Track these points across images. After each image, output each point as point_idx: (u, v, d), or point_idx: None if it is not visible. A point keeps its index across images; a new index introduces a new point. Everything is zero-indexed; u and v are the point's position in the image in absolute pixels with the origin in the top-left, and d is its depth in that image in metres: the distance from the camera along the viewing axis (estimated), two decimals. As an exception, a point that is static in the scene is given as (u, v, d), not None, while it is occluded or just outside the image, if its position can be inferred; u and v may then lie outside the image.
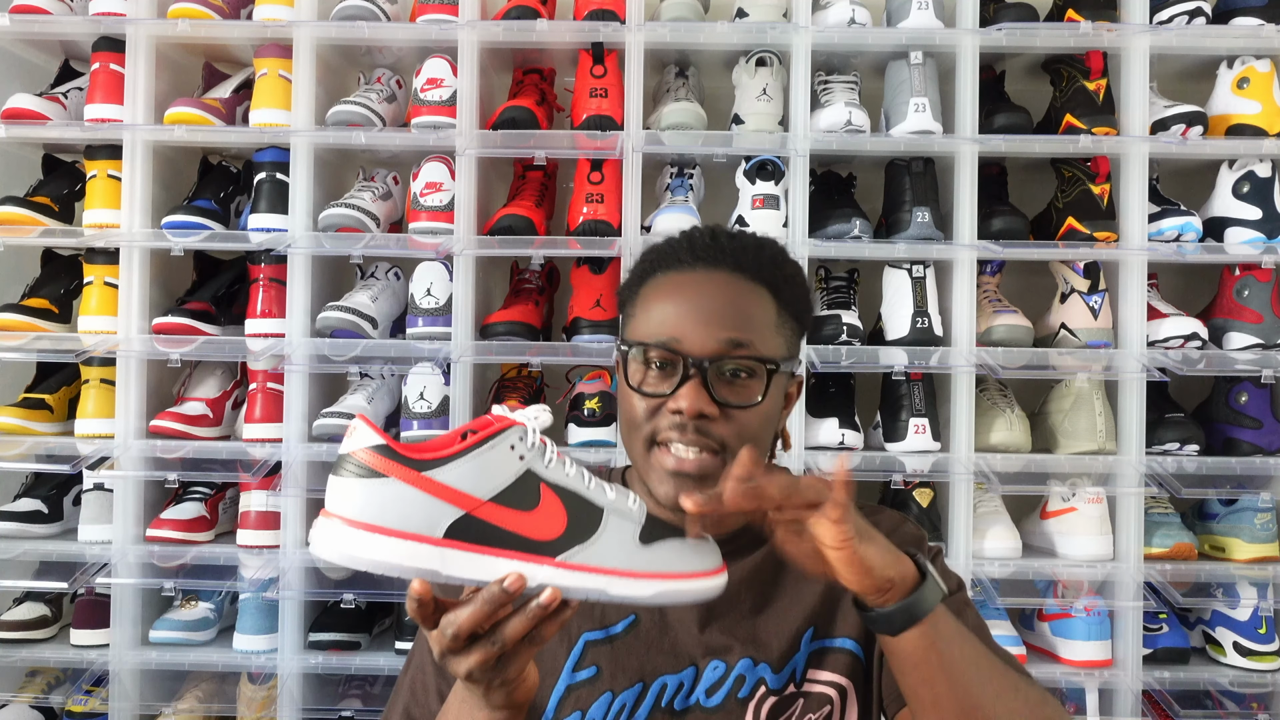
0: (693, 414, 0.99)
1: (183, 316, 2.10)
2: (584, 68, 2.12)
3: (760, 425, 1.03)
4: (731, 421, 1.01)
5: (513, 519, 0.82)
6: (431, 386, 2.06)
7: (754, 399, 1.02)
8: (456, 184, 2.08)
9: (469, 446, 0.82)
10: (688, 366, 1.01)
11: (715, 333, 1.01)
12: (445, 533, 0.80)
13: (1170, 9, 2.08)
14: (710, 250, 1.07)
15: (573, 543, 0.83)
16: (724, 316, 1.02)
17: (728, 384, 1.02)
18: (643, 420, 1.03)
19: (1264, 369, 2.02)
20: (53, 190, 2.22)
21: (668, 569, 0.86)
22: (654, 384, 1.03)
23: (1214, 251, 2.07)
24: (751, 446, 0.90)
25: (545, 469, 0.84)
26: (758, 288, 1.06)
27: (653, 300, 1.06)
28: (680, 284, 1.06)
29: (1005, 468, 2.03)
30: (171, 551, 2.06)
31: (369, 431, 0.82)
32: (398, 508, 0.80)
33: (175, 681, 2.15)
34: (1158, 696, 1.99)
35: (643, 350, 1.04)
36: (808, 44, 2.07)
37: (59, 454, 2.08)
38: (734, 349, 1.01)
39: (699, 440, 1.00)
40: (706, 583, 0.88)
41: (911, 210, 2.08)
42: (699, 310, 1.03)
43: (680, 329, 1.02)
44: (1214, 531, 2.11)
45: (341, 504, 0.81)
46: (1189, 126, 2.07)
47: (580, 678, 1.07)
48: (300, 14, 2.11)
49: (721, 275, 1.05)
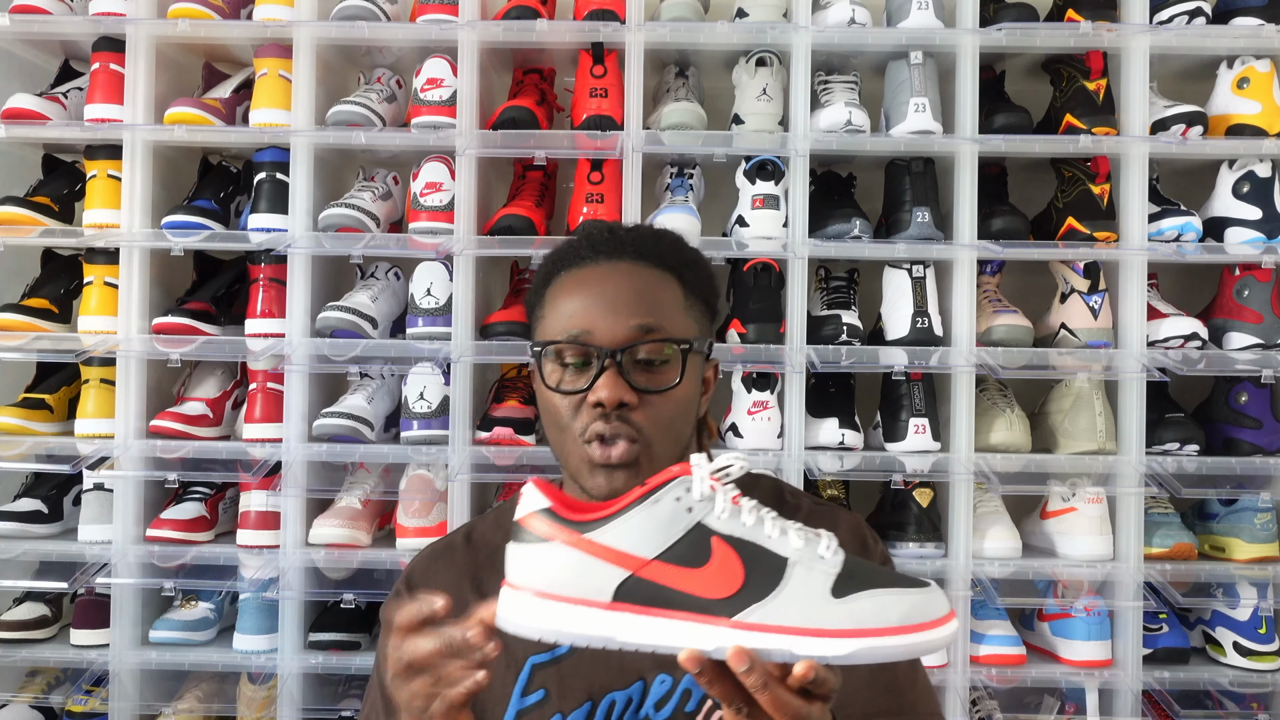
0: (613, 403, 1.00)
1: (183, 316, 2.10)
2: (584, 68, 2.12)
3: (679, 409, 1.05)
4: (650, 407, 1.02)
5: (682, 577, 0.77)
6: (431, 386, 2.06)
7: (671, 382, 1.03)
8: (456, 184, 2.08)
9: (632, 503, 0.79)
10: (601, 358, 1.01)
11: (624, 320, 1.02)
12: (614, 596, 0.77)
13: (1170, 9, 2.08)
14: (609, 243, 1.08)
15: (750, 600, 0.76)
16: (631, 304, 1.03)
17: (643, 371, 1.03)
18: (567, 420, 1.03)
19: (1264, 369, 2.02)
20: (53, 190, 2.22)
21: (869, 624, 0.76)
22: (571, 381, 1.04)
23: (1214, 251, 2.07)
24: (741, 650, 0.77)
25: (717, 520, 0.79)
26: (661, 273, 1.07)
27: (559, 299, 1.07)
28: (583, 279, 1.06)
29: (1005, 468, 2.03)
30: (171, 551, 2.06)
31: (537, 494, 0.80)
32: (565, 573, 0.78)
33: (175, 681, 2.15)
34: (1158, 696, 1.99)
35: (555, 349, 1.04)
36: (808, 44, 2.07)
37: (59, 454, 2.08)
38: (645, 334, 1.03)
39: (622, 429, 1.01)
40: (920, 637, 0.76)
41: (911, 210, 2.08)
42: (605, 301, 1.04)
43: (589, 322, 1.03)
44: (1214, 531, 2.11)
45: (514, 573, 0.80)
46: (1189, 126, 2.07)
47: (529, 702, 1.06)
48: (300, 14, 2.11)
49: (624, 265, 1.07)
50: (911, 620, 0.76)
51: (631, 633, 0.76)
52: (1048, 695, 2.10)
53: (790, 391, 2.03)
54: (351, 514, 2.07)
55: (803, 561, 0.78)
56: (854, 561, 0.80)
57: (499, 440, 2.04)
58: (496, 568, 0.85)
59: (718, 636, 0.75)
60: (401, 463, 2.11)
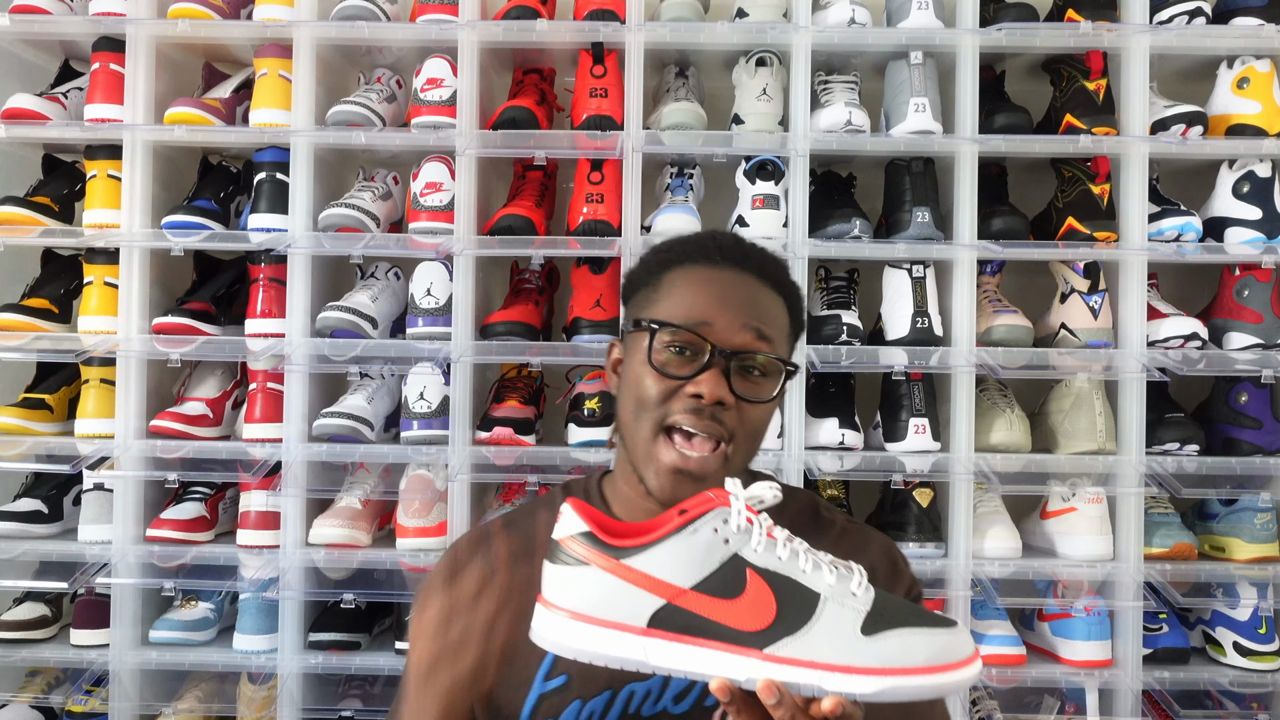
0: (713, 399, 1.02)
1: (183, 316, 2.10)
2: (584, 68, 2.12)
3: (762, 424, 1.08)
4: (742, 414, 1.04)
5: (716, 608, 0.79)
6: (431, 386, 2.06)
7: (768, 395, 1.06)
8: (456, 184, 2.08)
9: (670, 531, 0.80)
10: (713, 354, 1.04)
11: (743, 325, 1.05)
12: (649, 622, 0.78)
13: (1170, 9, 2.08)
14: (736, 253, 1.11)
15: (782, 633, 0.78)
16: (752, 312, 1.07)
17: (744, 378, 1.05)
18: (655, 402, 1.05)
19: (1264, 369, 2.02)
20: (53, 190, 2.22)
21: (897, 663, 0.78)
22: (675, 366, 1.05)
23: (1214, 251, 2.07)
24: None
25: (753, 553, 0.81)
26: (776, 295, 1.11)
27: (682, 287, 1.09)
28: (710, 278, 1.09)
29: (1005, 468, 2.03)
30: (171, 551, 2.06)
31: (575, 517, 0.82)
32: (600, 597, 0.79)
33: (175, 681, 2.15)
34: (1158, 696, 1.99)
35: (673, 331, 1.05)
36: (808, 44, 2.07)
37: (59, 454, 2.08)
38: (760, 342, 1.06)
39: (711, 426, 1.03)
40: (945, 678, 0.78)
41: (911, 210, 2.08)
42: (730, 303, 1.06)
43: (711, 316, 1.05)
44: (1214, 531, 2.11)
45: (550, 591, 0.81)
46: (1189, 126, 2.07)
47: (551, 686, 1.06)
48: (300, 14, 2.11)
49: (748, 278, 1.10)
50: (938, 660, 0.78)
51: (664, 659, 0.78)
52: (1048, 695, 2.10)
53: (790, 391, 2.03)
54: (351, 514, 2.07)
55: (834, 598, 0.80)
56: (883, 598, 0.81)
57: (499, 440, 2.04)
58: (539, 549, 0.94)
59: (749, 668, 0.77)
60: (401, 463, 2.11)
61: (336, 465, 2.14)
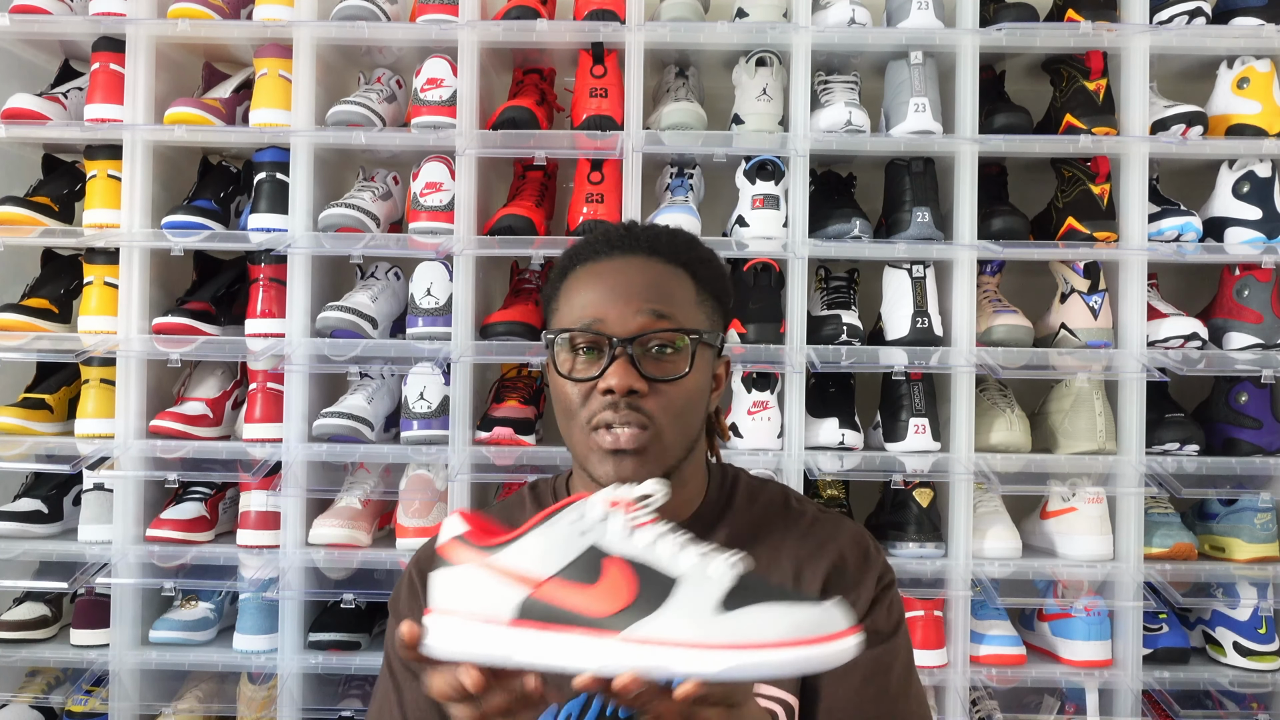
0: (623, 390, 1.02)
1: (183, 316, 2.10)
2: (584, 68, 2.12)
3: (688, 399, 1.06)
4: (660, 395, 1.04)
5: (575, 594, 0.79)
6: (431, 386, 2.06)
7: (680, 371, 1.05)
8: (456, 184, 2.08)
9: (533, 525, 0.82)
10: (613, 346, 1.04)
11: (636, 310, 1.05)
12: (516, 614, 0.79)
13: (1170, 9, 2.08)
14: (625, 239, 1.11)
15: (638, 615, 0.77)
16: (643, 294, 1.06)
17: (654, 360, 1.05)
18: (577, 406, 1.05)
19: (1264, 369, 2.02)
20: (53, 190, 2.22)
21: (751, 638, 0.75)
22: (583, 369, 1.06)
23: (1214, 251, 2.07)
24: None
25: (611, 541, 0.81)
26: (674, 269, 1.09)
27: (574, 290, 1.09)
28: (599, 271, 1.09)
29: (1005, 468, 2.03)
30: (171, 551, 2.06)
31: (456, 523, 0.84)
32: (471, 594, 0.80)
33: (175, 681, 2.15)
34: (1158, 696, 1.99)
35: (568, 337, 1.06)
36: (808, 44, 2.07)
37: (59, 454, 2.08)
38: (656, 321, 1.05)
39: (631, 416, 1.03)
40: (805, 652, 0.75)
41: (911, 210, 2.08)
42: (618, 291, 1.06)
43: (602, 310, 1.05)
44: (1214, 531, 2.11)
45: (433, 599, 0.82)
46: (1189, 126, 2.07)
47: None
48: (300, 14, 2.11)
49: (638, 260, 1.09)
50: (798, 635, 0.75)
51: (528, 650, 0.78)
52: (1048, 695, 2.10)
53: (790, 391, 2.03)
54: (351, 514, 2.07)
55: (692, 578, 0.79)
56: (751, 578, 0.80)
57: (499, 440, 2.04)
58: None
59: (605, 651, 0.76)
60: (401, 463, 2.11)
61: (336, 465, 2.14)
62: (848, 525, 1.17)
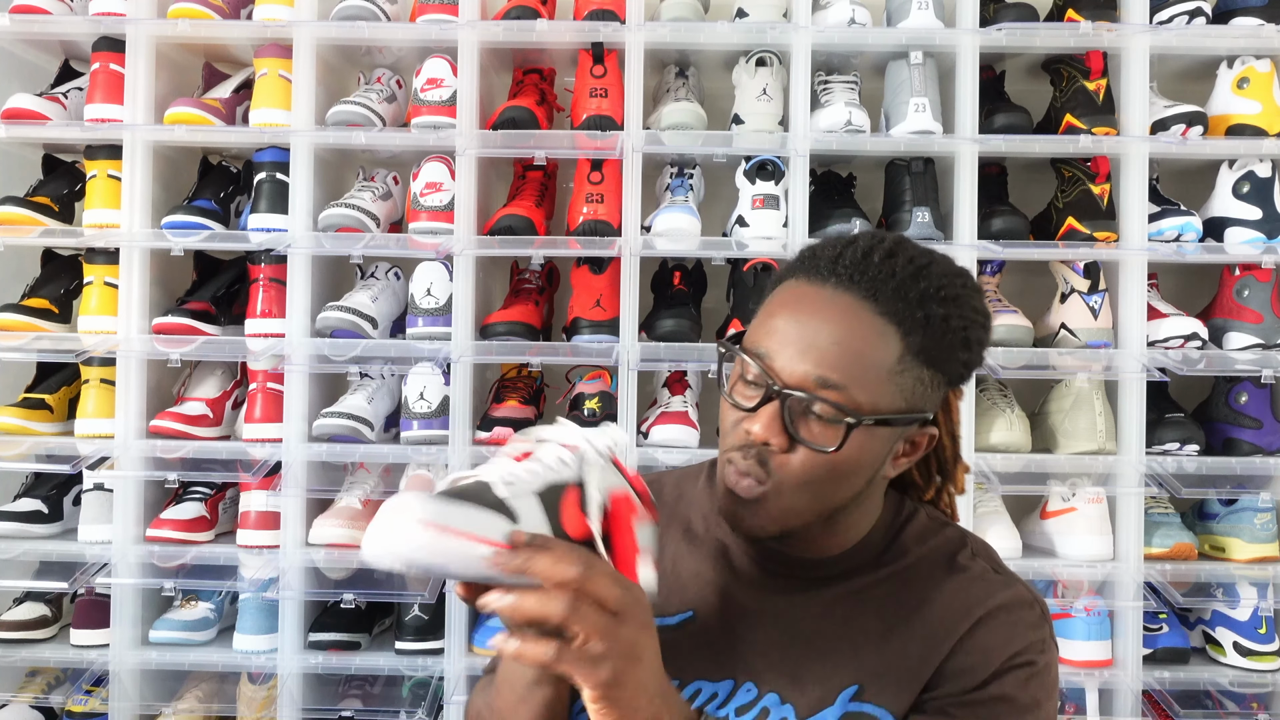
0: (758, 440, 0.93)
1: (183, 316, 2.10)
2: (584, 68, 2.12)
3: (827, 474, 0.93)
4: (796, 457, 0.92)
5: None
6: (431, 386, 2.06)
7: (825, 445, 0.91)
8: (456, 184, 2.08)
9: None
10: (769, 390, 0.93)
11: (808, 366, 0.91)
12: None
13: (1170, 9, 2.08)
14: (851, 269, 0.94)
15: None
16: (824, 350, 0.91)
17: (806, 420, 0.92)
18: (727, 427, 0.97)
19: (1264, 369, 2.02)
20: (53, 190, 2.22)
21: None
22: (740, 394, 0.97)
23: (1214, 251, 2.07)
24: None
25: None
26: (885, 324, 0.92)
27: (773, 307, 0.97)
28: (801, 298, 0.95)
29: (1005, 468, 2.03)
30: (171, 551, 2.06)
31: None
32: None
33: (175, 681, 2.15)
34: (1158, 696, 1.99)
35: (738, 356, 0.97)
36: (808, 44, 2.07)
37: (59, 454, 2.08)
38: (821, 388, 0.91)
39: (753, 469, 0.94)
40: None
41: (911, 210, 2.08)
42: (803, 335, 0.93)
43: (778, 347, 0.93)
44: (1214, 531, 2.11)
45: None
46: (1189, 126, 2.07)
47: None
48: (300, 14, 2.11)
49: (846, 300, 0.93)
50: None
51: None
52: (1048, 695, 2.10)
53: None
54: (351, 514, 2.07)
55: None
56: (476, 484, 0.84)
57: (499, 440, 2.03)
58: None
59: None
60: (401, 463, 2.11)
61: (336, 465, 2.14)
62: (1014, 591, 1.01)
